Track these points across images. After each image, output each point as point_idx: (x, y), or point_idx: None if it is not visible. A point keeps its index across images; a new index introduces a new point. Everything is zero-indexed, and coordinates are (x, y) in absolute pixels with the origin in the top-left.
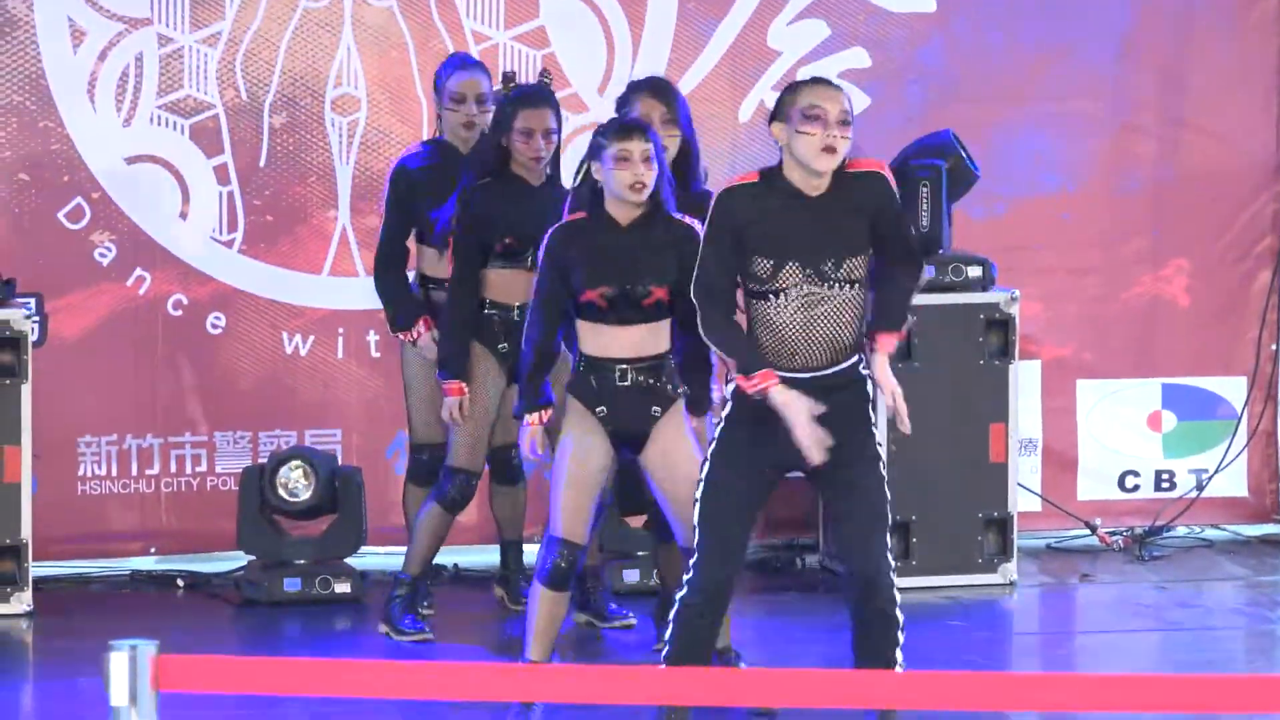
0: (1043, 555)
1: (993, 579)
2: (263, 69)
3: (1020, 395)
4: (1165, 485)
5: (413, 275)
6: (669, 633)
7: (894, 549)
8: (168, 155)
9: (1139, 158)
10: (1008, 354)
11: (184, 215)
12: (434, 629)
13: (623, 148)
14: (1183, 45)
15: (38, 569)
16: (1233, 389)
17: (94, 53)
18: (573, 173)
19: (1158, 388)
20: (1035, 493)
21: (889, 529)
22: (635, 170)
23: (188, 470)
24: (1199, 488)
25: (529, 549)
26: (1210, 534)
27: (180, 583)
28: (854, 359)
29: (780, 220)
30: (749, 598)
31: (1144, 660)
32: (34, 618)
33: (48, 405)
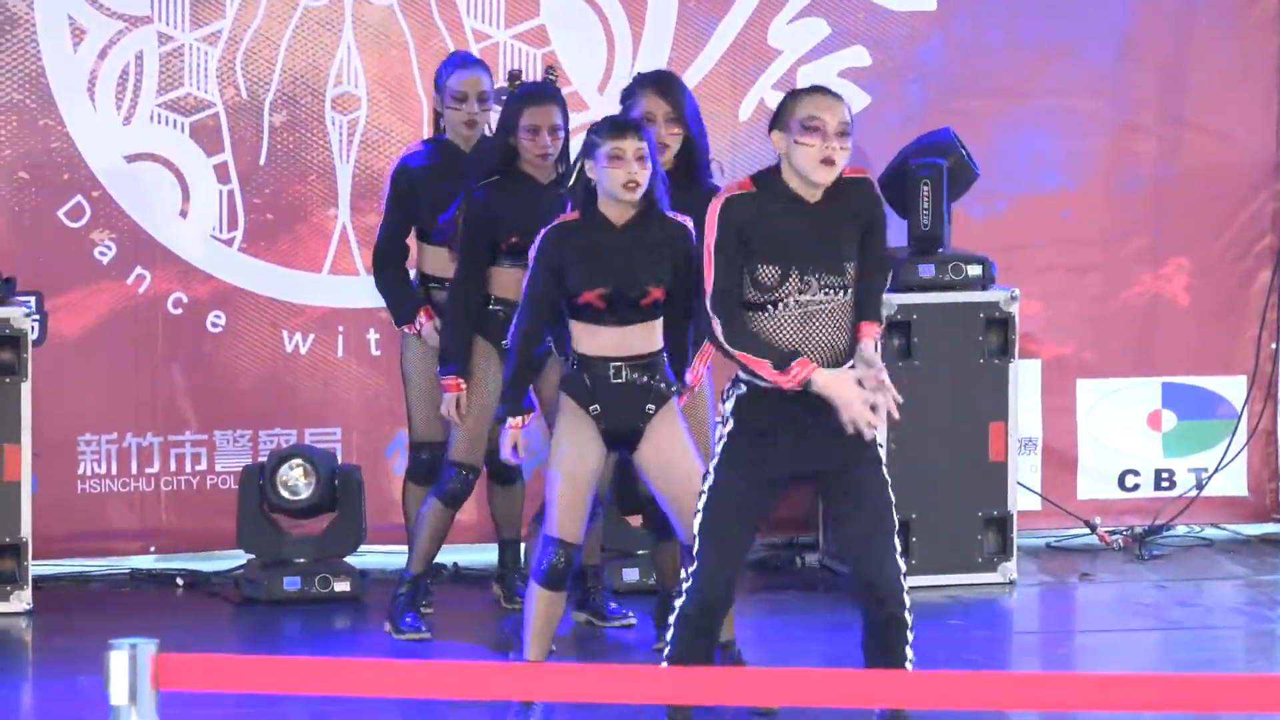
0: (1042, 554)
1: (992, 578)
2: (263, 67)
3: (1020, 394)
4: (1165, 484)
5: (414, 274)
6: (670, 635)
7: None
8: (168, 153)
9: (1139, 156)
10: (1007, 353)
11: (184, 214)
12: (433, 628)
13: (616, 146)
14: (1183, 44)
15: (37, 567)
16: (1233, 388)
17: (94, 51)
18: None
19: (1158, 387)
20: (1035, 492)
21: (895, 530)
22: (629, 169)
23: (187, 469)
24: (1199, 487)
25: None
26: (1210, 533)
27: (180, 581)
28: (851, 363)
29: (782, 225)
30: (749, 597)
31: (1144, 659)
32: (34, 616)
33: (47, 404)
